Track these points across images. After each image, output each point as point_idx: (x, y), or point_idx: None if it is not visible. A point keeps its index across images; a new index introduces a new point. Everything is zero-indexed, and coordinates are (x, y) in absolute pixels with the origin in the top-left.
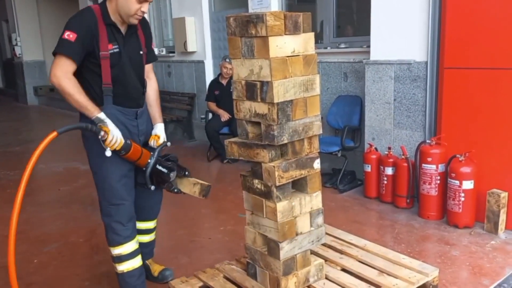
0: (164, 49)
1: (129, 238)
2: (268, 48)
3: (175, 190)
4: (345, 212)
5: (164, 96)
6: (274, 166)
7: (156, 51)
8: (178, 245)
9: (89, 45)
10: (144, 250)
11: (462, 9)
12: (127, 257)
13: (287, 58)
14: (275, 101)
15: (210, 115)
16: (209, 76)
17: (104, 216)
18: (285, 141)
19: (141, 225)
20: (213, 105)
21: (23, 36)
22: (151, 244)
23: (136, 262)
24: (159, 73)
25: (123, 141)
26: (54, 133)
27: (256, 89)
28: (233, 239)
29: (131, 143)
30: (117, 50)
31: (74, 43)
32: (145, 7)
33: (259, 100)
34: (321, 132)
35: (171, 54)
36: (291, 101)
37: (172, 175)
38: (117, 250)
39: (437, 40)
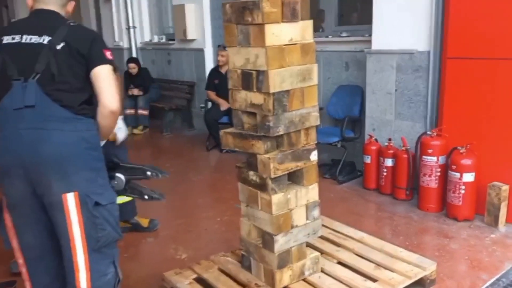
0: (164, 37)
1: None
2: (264, 36)
3: (146, 197)
4: (344, 204)
5: (164, 84)
6: (269, 158)
7: (156, 38)
8: (174, 235)
9: None
10: (129, 207)
11: None
12: None
13: (284, 46)
14: (271, 91)
15: (210, 104)
16: (209, 65)
17: None
18: (281, 132)
19: None
20: (212, 94)
21: None
22: (133, 201)
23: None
24: (159, 61)
25: None
26: None
27: (252, 79)
28: (229, 229)
29: None
30: None
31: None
32: None
33: (255, 90)
34: (318, 123)
35: (171, 42)
36: (288, 91)
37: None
38: None
39: (440, 30)
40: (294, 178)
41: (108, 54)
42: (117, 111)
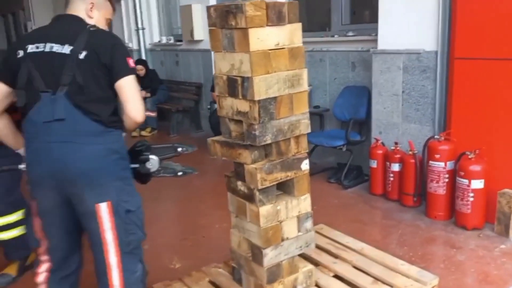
0: (172, 38)
1: None
2: (248, 41)
3: (179, 174)
4: (348, 210)
5: (172, 85)
6: (256, 168)
7: (164, 39)
8: (169, 243)
9: None
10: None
11: None
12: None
13: (269, 51)
14: (256, 98)
15: (215, 106)
16: None
17: None
18: (268, 141)
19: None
20: None
21: (38, 24)
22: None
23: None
24: (167, 62)
25: None
26: None
27: (237, 85)
28: (227, 237)
29: None
30: None
31: None
32: None
33: (240, 97)
34: (309, 131)
35: (178, 43)
36: (275, 98)
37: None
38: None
39: (448, 29)
40: (284, 188)
41: (131, 62)
42: (142, 121)
